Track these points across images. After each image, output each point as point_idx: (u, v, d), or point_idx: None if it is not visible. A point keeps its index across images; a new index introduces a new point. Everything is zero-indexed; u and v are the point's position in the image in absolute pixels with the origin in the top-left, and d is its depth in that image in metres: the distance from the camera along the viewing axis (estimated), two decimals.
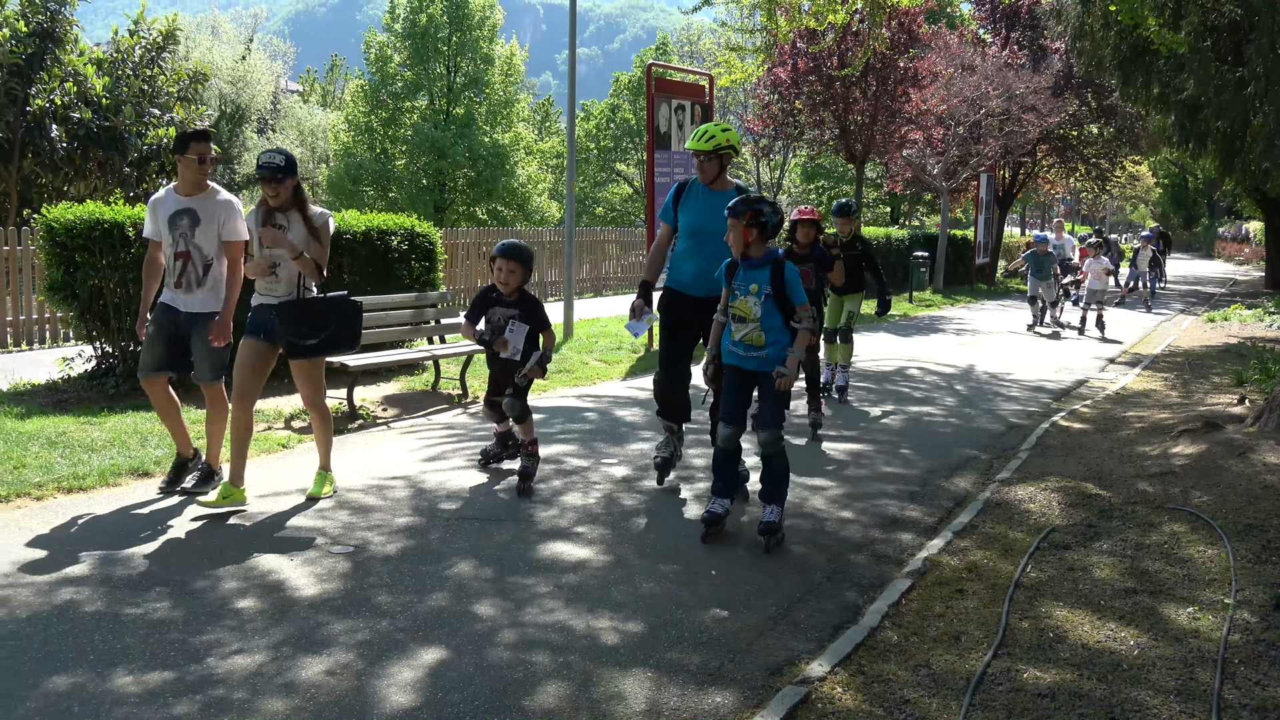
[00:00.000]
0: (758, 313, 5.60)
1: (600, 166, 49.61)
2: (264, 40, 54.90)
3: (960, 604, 4.87)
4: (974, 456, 8.12)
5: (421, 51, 37.14)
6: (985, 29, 30.53)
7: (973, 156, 26.10)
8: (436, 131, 36.57)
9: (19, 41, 15.58)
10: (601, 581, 5.12)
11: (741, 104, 41.76)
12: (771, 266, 5.61)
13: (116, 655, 4.15)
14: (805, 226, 8.55)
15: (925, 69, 21.49)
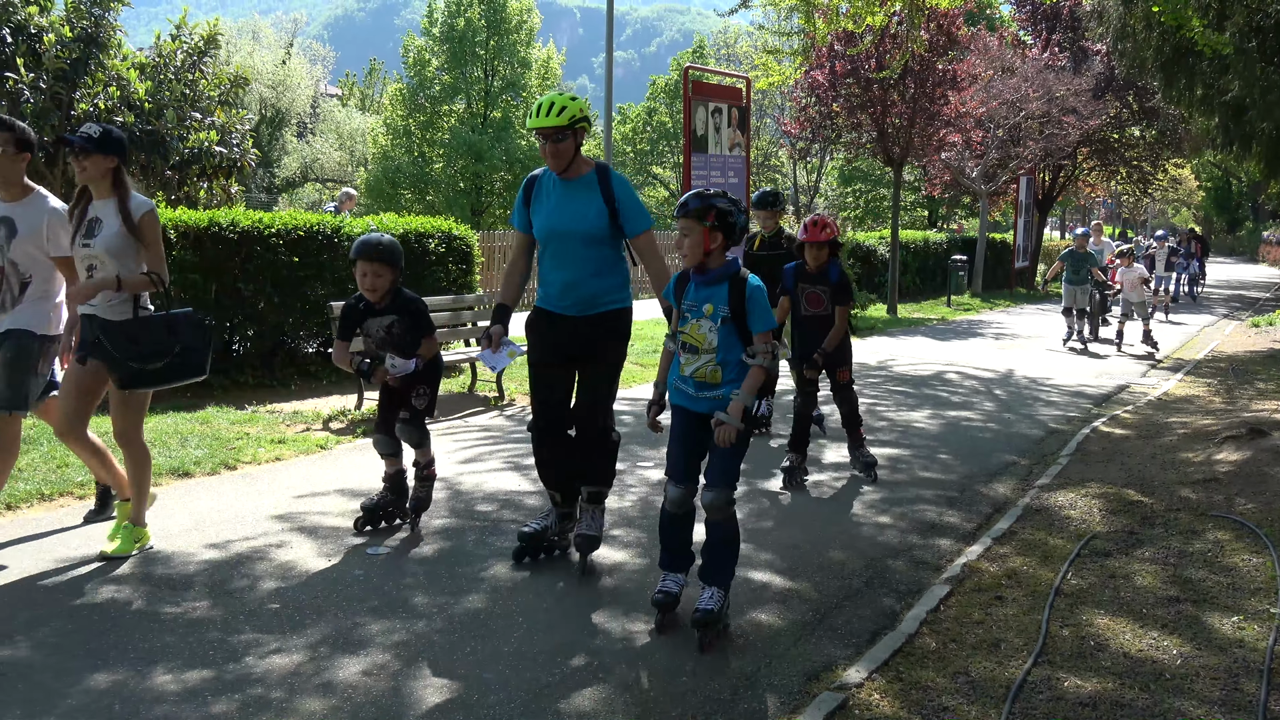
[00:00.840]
0: (713, 341, 4.45)
1: (637, 170, 49.63)
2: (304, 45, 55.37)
3: (999, 611, 4.82)
4: (1013, 462, 8.04)
5: (459, 55, 37.33)
6: (1025, 31, 30.28)
7: (1012, 159, 25.88)
8: (474, 135, 36.74)
9: (64, 46, 15.78)
10: (638, 585, 5.11)
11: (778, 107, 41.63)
12: (730, 282, 4.46)
13: (156, 653, 4.19)
14: (814, 249, 7.09)
15: (964, 71, 21.31)
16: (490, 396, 10.27)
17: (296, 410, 9.18)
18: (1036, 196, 29.91)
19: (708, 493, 4.50)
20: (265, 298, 9.98)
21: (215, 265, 9.65)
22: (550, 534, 5.43)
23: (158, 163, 16.40)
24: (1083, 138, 26.81)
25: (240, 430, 8.23)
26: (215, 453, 7.43)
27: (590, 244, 5.17)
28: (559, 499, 5.45)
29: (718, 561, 4.54)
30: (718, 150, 14.52)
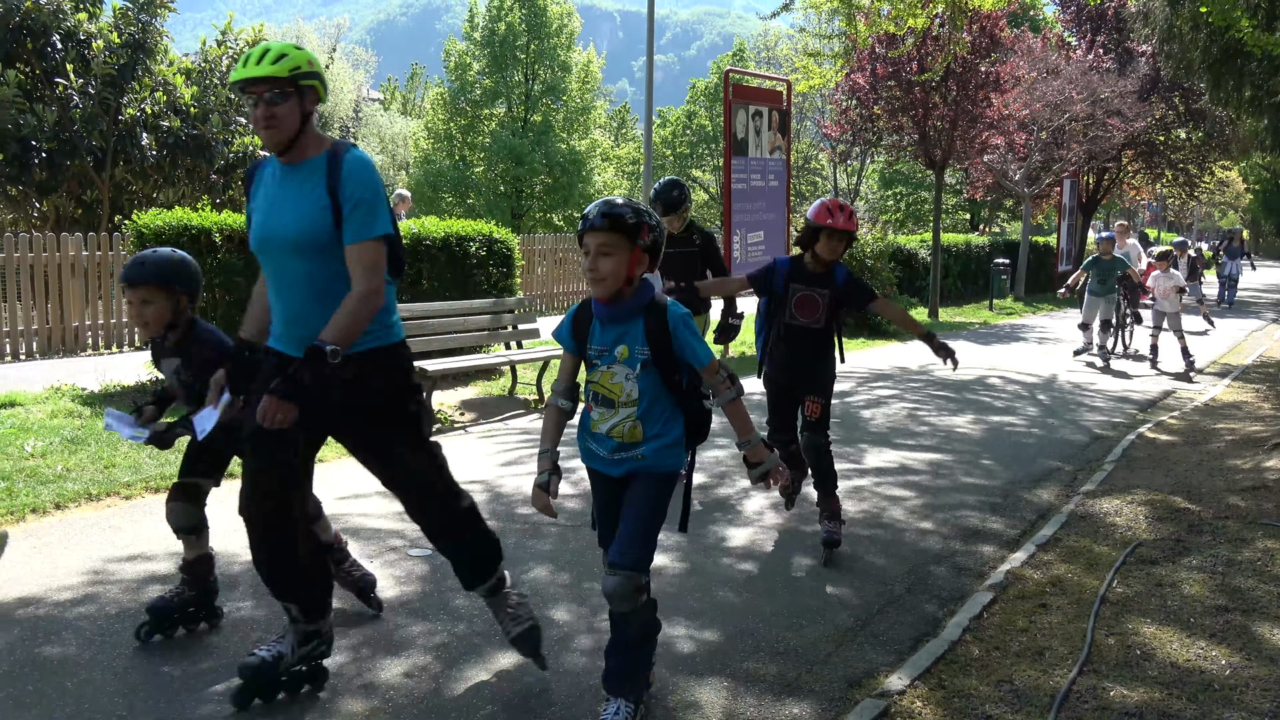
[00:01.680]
0: (632, 391, 3.56)
1: (676, 173, 49.62)
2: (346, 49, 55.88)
3: (1044, 619, 4.76)
4: (1057, 468, 7.96)
5: (500, 59, 37.52)
6: (1069, 32, 30.00)
7: (1056, 162, 25.65)
8: (514, 139, 36.90)
9: (112, 52, 16.02)
10: (677, 589, 5.10)
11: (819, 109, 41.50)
12: (645, 315, 3.54)
13: (202, 652, 4.23)
14: (833, 240, 5.49)
15: (1007, 73, 21.14)
16: (531, 400, 10.30)
17: None
18: (1080, 199, 29.62)
19: (611, 577, 3.51)
20: None
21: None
22: (286, 664, 3.84)
23: (203, 167, 16.62)
24: (1128, 140, 26.53)
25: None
26: None
27: (305, 255, 3.68)
28: (294, 613, 3.88)
29: (627, 667, 3.64)
30: (758, 153, 14.49)
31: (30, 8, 15.44)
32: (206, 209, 10.30)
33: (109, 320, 13.34)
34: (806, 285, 5.60)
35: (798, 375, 5.73)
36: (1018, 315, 22.51)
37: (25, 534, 5.71)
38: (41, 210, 16.93)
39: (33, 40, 15.68)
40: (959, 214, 42.65)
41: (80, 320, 13.03)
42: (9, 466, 6.75)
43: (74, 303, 12.96)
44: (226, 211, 10.59)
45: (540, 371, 10.46)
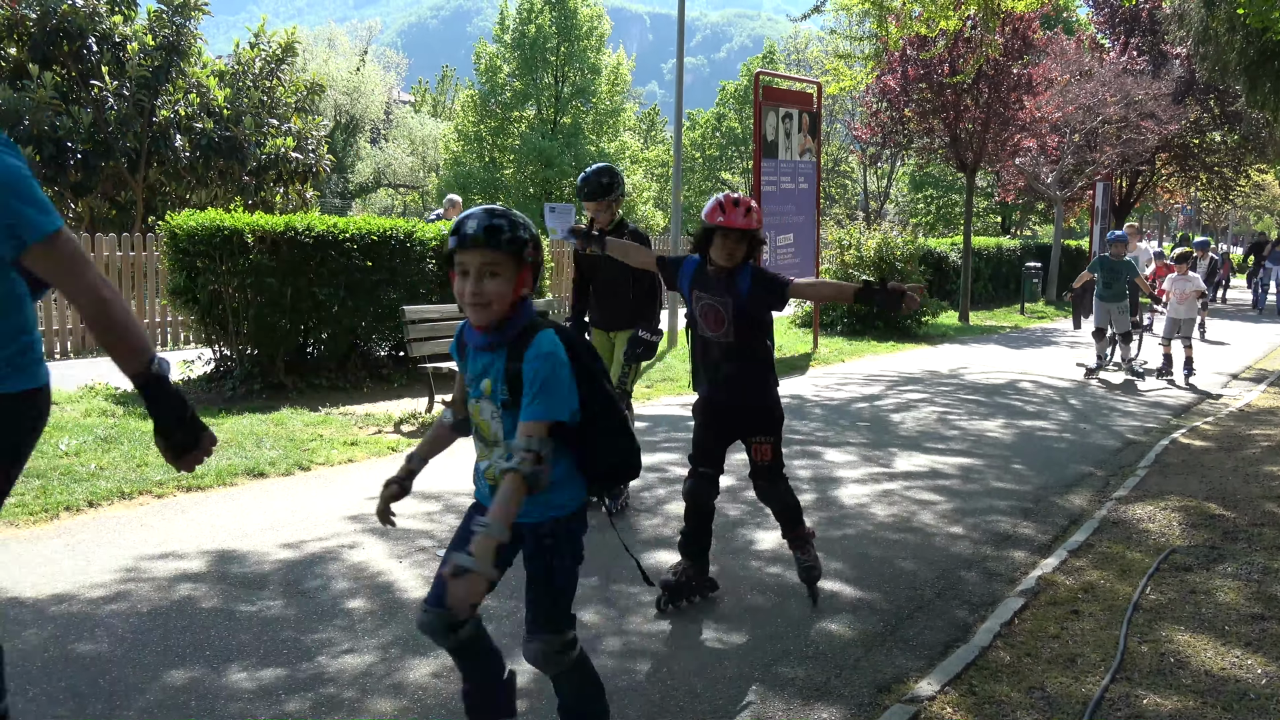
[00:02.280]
0: (498, 431, 3.10)
1: (705, 175, 49.61)
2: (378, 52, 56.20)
3: (1076, 625, 4.72)
4: (1089, 473, 7.89)
5: (530, 62, 37.61)
6: (1103, 34, 29.78)
7: (1088, 165, 25.45)
8: (544, 141, 36.98)
9: (147, 55, 16.17)
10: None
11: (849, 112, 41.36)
12: (511, 349, 3.01)
13: (232, 651, 4.25)
14: (728, 241, 4.58)
15: (1040, 75, 21.01)
16: None
17: (369, 413, 9.29)
18: (1113, 203, 29.36)
19: (531, 644, 3.19)
20: (339, 301, 10.12)
21: (291, 269, 9.80)
22: None
23: (235, 168, 16.75)
24: (1161, 143, 26.30)
25: (314, 432, 8.35)
26: (289, 454, 7.55)
27: None
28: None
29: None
30: (788, 156, 14.46)
31: (67, 10, 15.61)
32: (239, 210, 10.37)
33: (142, 320, 13.46)
34: (709, 294, 4.70)
35: (727, 401, 4.87)
36: (1049, 319, 22.34)
37: (59, 531, 5.76)
38: (76, 211, 17.11)
39: (69, 42, 15.85)
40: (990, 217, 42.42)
41: None
42: (43, 464, 6.82)
43: None
44: (259, 213, 10.66)
45: None
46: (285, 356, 10.11)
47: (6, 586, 4.89)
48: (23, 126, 14.78)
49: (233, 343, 10.01)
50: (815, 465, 7.83)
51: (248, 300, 9.67)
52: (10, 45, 16.03)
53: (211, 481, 6.79)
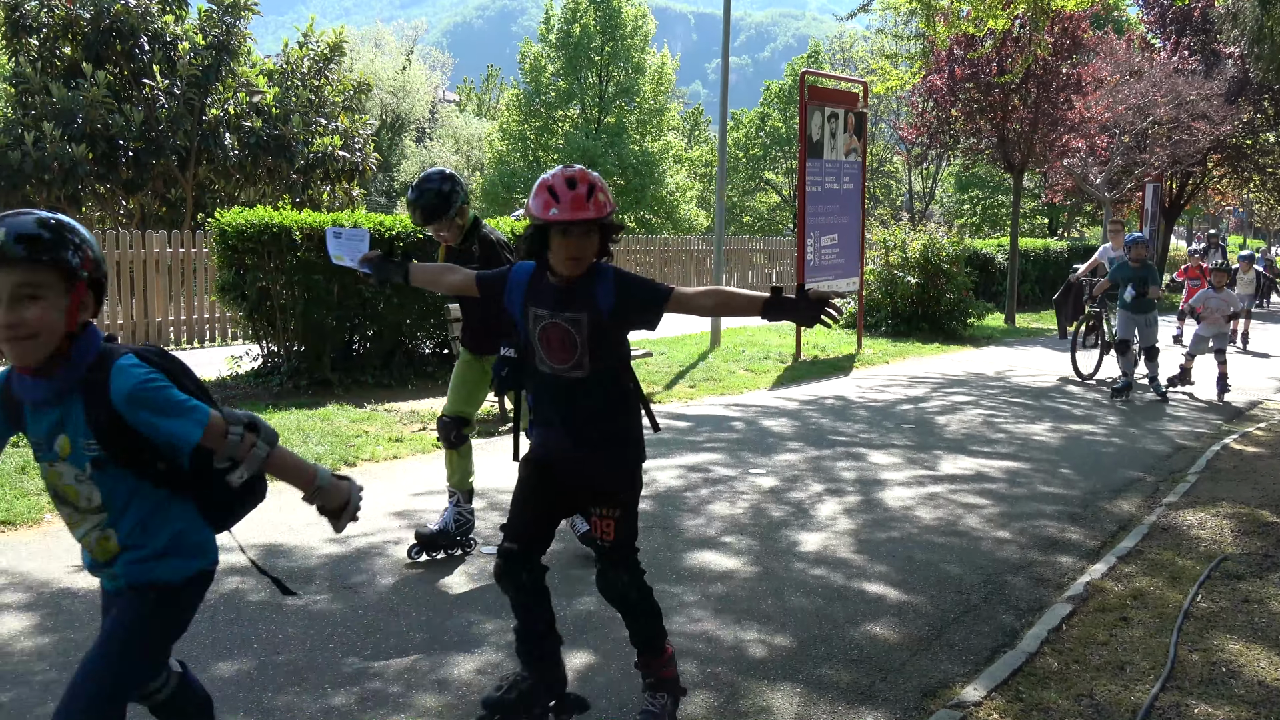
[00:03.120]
0: (93, 496, 2.55)
1: (749, 175, 49.51)
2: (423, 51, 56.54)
3: (1125, 632, 4.65)
4: (1138, 478, 7.78)
5: (574, 61, 37.71)
6: (1154, 34, 29.38)
7: (1138, 166, 25.13)
8: (588, 140, 37.07)
9: (197, 54, 16.37)
10: (749, 593, 5.07)
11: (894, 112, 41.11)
12: (86, 392, 2.45)
13: (279, 645, 4.29)
14: (569, 240, 3.35)
15: (1089, 75, 20.76)
16: None
17: (413, 410, 9.35)
18: (1163, 204, 28.97)
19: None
20: (385, 299, 10.18)
21: (339, 267, 9.86)
22: None
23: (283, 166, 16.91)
24: (1213, 144, 25.91)
25: (359, 428, 8.41)
26: (336, 449, 7.61)
27: None
28: None
29: None
30: (833, 156, 14.39)
31: (119, 10, 15.84)
32: (287, 208, 10.45)
33: (191, 316, 13.63)
34: (554, 310, 3.42)
35: (573, 456, 3.57)
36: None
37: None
38: (128, 208, 17.36)
39: (121, 42, 16.08)
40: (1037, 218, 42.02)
41: (164, 315, 13.33)
42: None
43: (158, 298, 13.26)
44: (306, 210, 10.76)
45: None
46: (331, 353, 10.19)
47: (59, 577, 4.97)
48: (76, 124, 15.02)
49: (280, 339, 10.11)
50: (859, 467, 7.79)
51: (295, 297, 9.76)
52: (65, 44, 16.30)
53: None
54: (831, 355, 14.23)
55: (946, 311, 17.03)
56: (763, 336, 15.45)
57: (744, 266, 24.46)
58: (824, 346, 14.80)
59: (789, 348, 14.13)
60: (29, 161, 14.58)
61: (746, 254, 24.89)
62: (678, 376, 11.71)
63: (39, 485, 6.29)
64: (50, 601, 4.67)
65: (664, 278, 21.57)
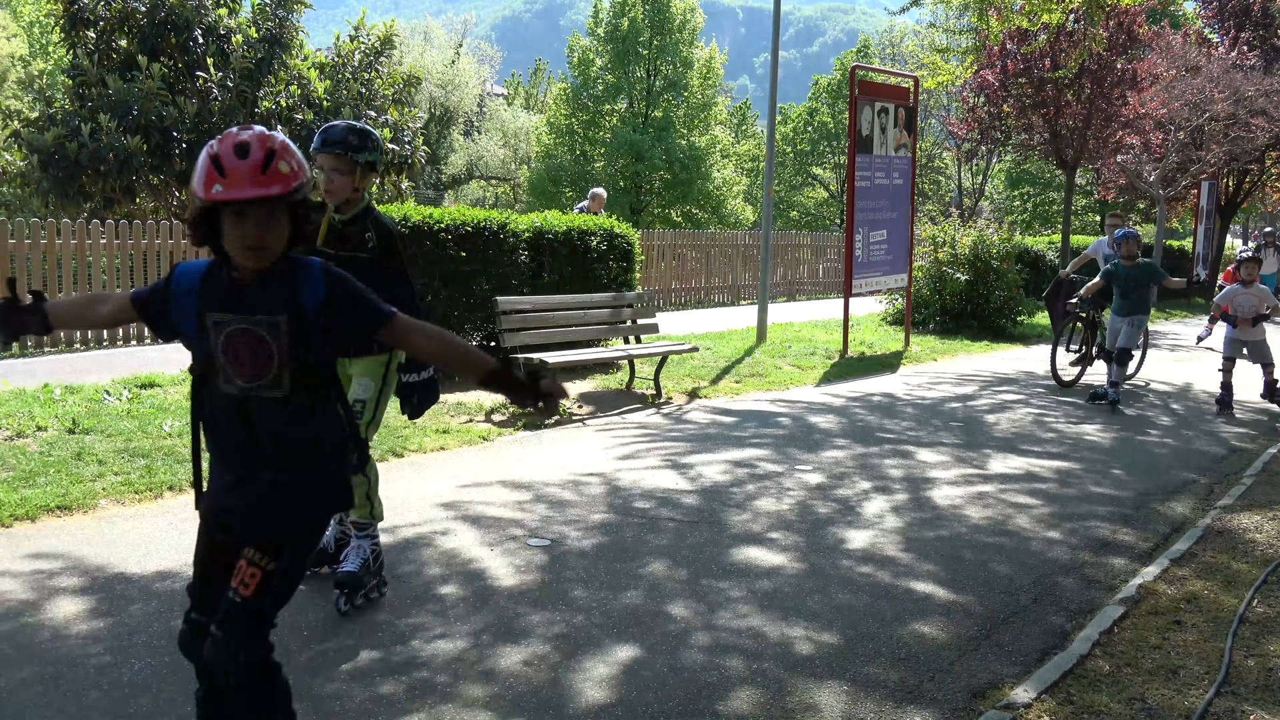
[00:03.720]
0: None
1: (796, 170, 49.25)
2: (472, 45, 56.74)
3: (1178, 636, 4.58)
4: (1192, 480, 7.66)
5: (622, 55, 37.67)
6: (1211, 28, 28.88)
7: (1194, 163, 24.72)
8: (635, 134, 37.03)
9: (250, 47, 16.54)
10: (796, 589, 5.05)
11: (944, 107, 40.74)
12: None
13: (328, 633, 4.33)
14: (249, 223, 2.70)
15: (1145, 71, 20.47)
16: (648, 394, 10.32)
17: (460, 401, 9.39)
18: (1219, 202, 28.48)
19: None
20: (433, 291, 10.24)
21: None
22: None
23: None
24: (1272, 140, 25.39)
25: (407, 419, 8.45)
26: (383, 440, 7.66)
27: None
28: None
29: None
30: (883, 151, 14.29)
31: (174, 4, 16.03)
32: None
33: None
34: (238, 314, 2.77)
35: (255, 501, 2.89)
36: (1150, 321, 21.72)
37: (162, 510, 5.92)
38: (181, 199, 17.57)
39: (175, 35, 16.28)
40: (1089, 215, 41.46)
41: None
42: (149, 445, 7.01)
43: None
44: None
45: (658, 367, 10.47)
46: None
47: (114, 562, 5.04)
48: (132, 116, 15.23)
49: None
50: (907, 465, 7.73)
51: None
52: (121, 37, 16.52)
53: None
54: (879, 352, 14.13)
55: (996, 309, 16.85)
56: (809, 333, 15.38)
57: (790, 261, 24.33)
58: (871, 344, 14.70)
59: (836, 344, 14.05)
60: (86, 153, 14.81)
61: (793, 249, 24.75)
62: (723, 372, 11.68)
63: (94, 471, 6.40)
64: (105, 586, 4.74)
65: (709, 273, 21.54)
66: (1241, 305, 10.36)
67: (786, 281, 23.96)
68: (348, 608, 4.48)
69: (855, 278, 13.98)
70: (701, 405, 9.95)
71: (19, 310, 3.08)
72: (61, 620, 4.36)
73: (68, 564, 5.00)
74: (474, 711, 3.73)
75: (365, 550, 4.61)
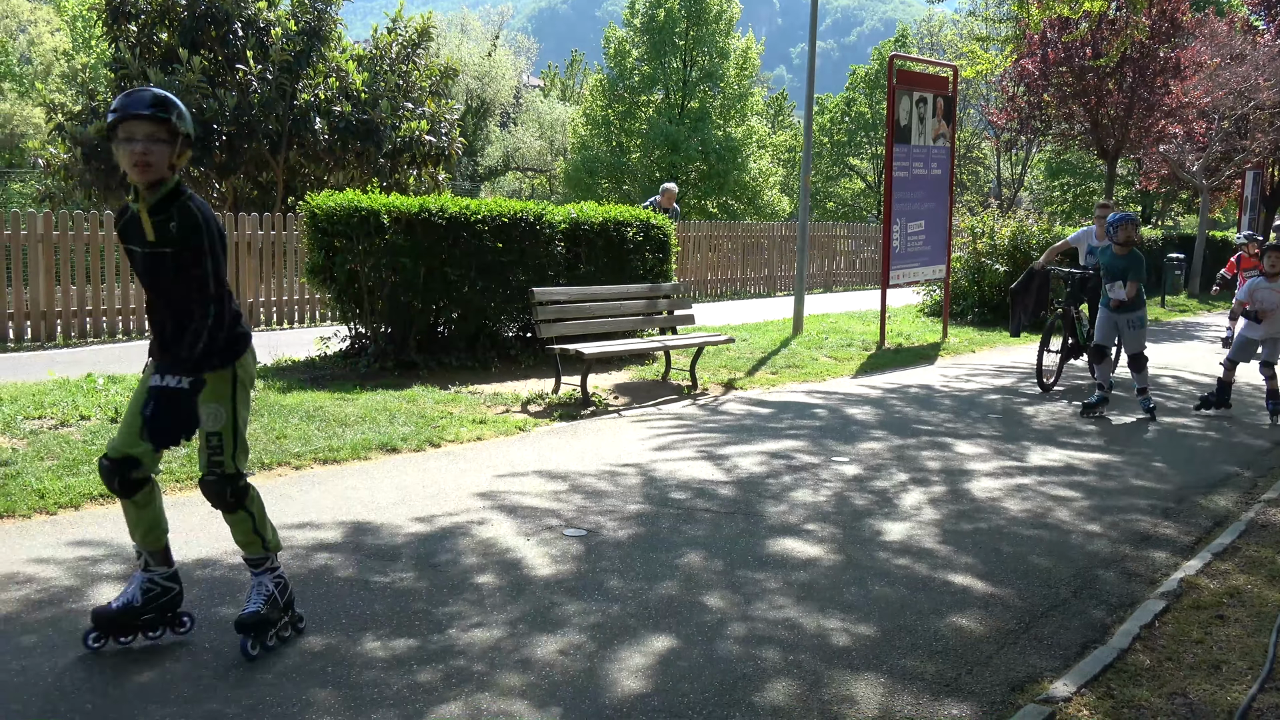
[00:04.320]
0: None
1: (833, 161, 49.04)
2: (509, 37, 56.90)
3: (1221, 631, 4.53)
4: (1235, 473, 7.56)
5: (659, 46, 37.63)
6: (1257, 15, 28.43)
7: (1238, 152, 24.39)
8: (671, 125, 36.99)
9: (289, 40, 16.66)
10: (833, 581, 5.03)
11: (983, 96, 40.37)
12: None
13: (366, 621, 4.36)
14: None
15: (1188, 59, 20.19)
16: (684, 385, 10.31)
17: (496, 392, 9.42)
18: (1264, 192, 28.07)
19: None
20: (470, 282, 10.27)
21: (425, 249, 9.99)
22: None
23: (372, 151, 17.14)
24: None
25: (444, 410, 8.50)
26: (420, 430, 7.70)
27: None
28: None
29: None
30: (921, 141, 14.18)
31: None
32: (375, 191, 10.59)
33: (281, 297, 13.89)
34: None
35: None
36: (1191, 313, 21.48)
37: (201, 500, 5.95)
38: (221, 191, 17.74)
39: (216, 28, 16.42)
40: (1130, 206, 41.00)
41: (255, 296, 13.61)
42: None
43: (249, 280, 13.53)
44: (395, 194, 10.90)
45: (694, 358, 10.46)
46: (417, 335, 10.31)
47: None
48: None
49: (367, 321, 10.25)
50: (945, 457, 7.67)
51: (382, 279, 9.88)
52: (162, 30, 16.69)
53: (346, 455, 6.97)
54: (916, 344, 14.04)
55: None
56: (846, 324, 15.31)
57: (826, 253, 24.22)
58: (909, 335, 14.61)
59: (873, 335, 13.97)
60: None
61: (830, 240, 24.64)
62: (760, 363, 11.65)
63: None
64: None
65: (746, 265, 21.48)
66: (1265, 300, 9.30)
67: (823, 273, 23.85)
68: (256, 651, 4.00)
69: (892, 269, 13.90)
70: (737, 396, 9.93)
71: None
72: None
73: (110, 551, 5.07)
74: (510, 700, 3.74)
75: (267, 586, 4.13)
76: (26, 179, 32.78)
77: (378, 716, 3.59)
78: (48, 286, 11.87)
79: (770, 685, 3.92)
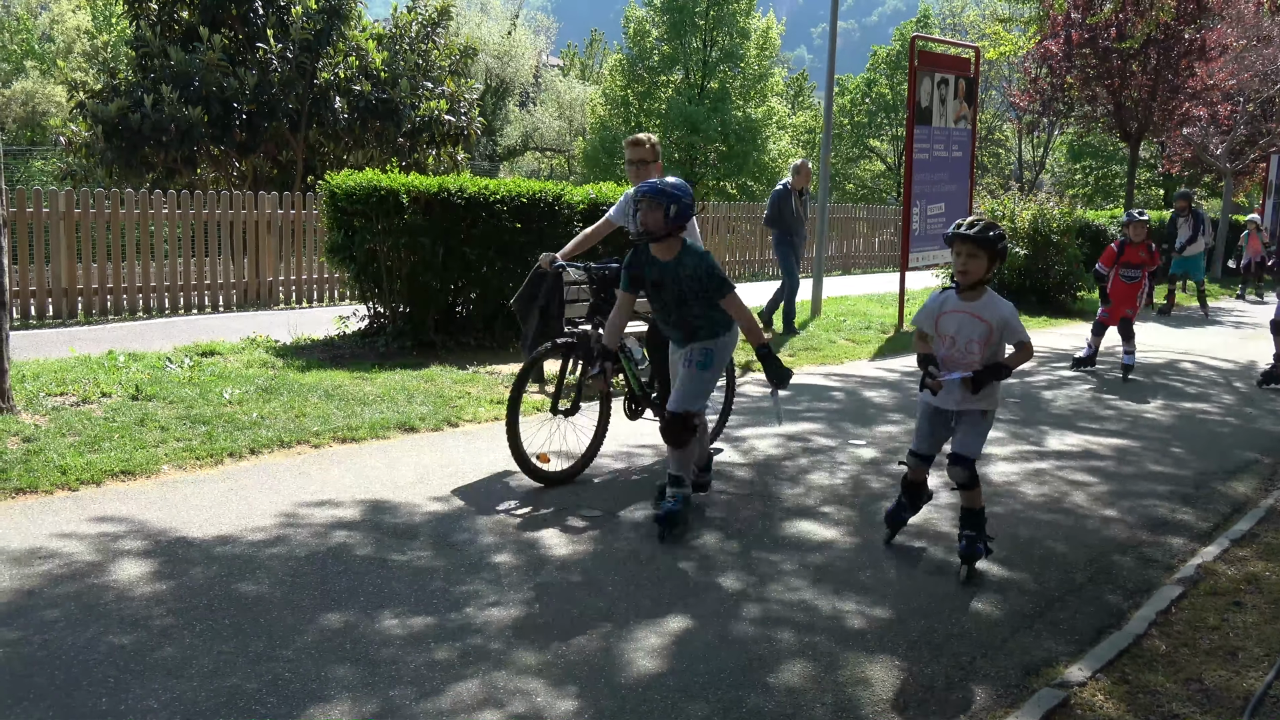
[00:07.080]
0: None
1: (853, 142, 48.78)
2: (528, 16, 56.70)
3: (1237, 617, 4.52)
4: (1255, 460, 7.52)
5: (679, 25, 37.44)
6: None
7: (1263, 136, 24.15)
8: (690, 106, 36.84)
9: (309, 19, 16.66)
10: (849, 564, 5.04)
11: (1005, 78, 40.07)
12: None
13: (384, 598, 4.40)
14: None
15: (1214, 41, 19.98)
16: None
17: (514, 373, 9.44)
18: None
19: None
20: (488, 262, 10.28)
21: (444, 229, 10.00)
22: None
23: (390, 130, 17.16)
24: None
25: (462, 390, 8.53)
26: (439, 410, 7.73)
27: None
28: None
29: None
30: (942, 123, 14.10)
31: None
32: (395, 171, 10.61)
33: (300, 276, 13.95)
34: None
35: None
36: (1213, 298, 21.30)
37: (223, 476, 6.03)
38: (240, 169, 17.79)
39: (236, 6, 16.44)
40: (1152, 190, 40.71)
41: (274, 275, 13.66)
42: (209, 412, 7.14)
43: (269, 258, 13.59)
44: (414, 174, 10.90)
45: None
46: (435, 315, 10.33)
47: (176, 526, 5.15)
48: (193, 87, 15.41)
49: (386, 300, 10.28)
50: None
51: (401, 259, 9.90)
52: (182, 9, 16.72)
53: (365, 434, 7.01)
54: None
55: (1056, 284, 16.59)
56: (864, 307, 15.26)
57: (845, 235, 24.13)
58: None
59: (891, 318, 13.94)
60: (148, 123, 15.02)
61: (849, 222, 24.55)
62: (777, 345, 11.64)
63: (157, 437, 6.52)
64: (167, 549, 4.84)
65: (764, 246, 21.42)
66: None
67: (842, 255, 23.77)
68: None
69: (912, 251, 13.84)
70: (754, 378, 9.93)
71: None
72: (126, 582, 4.46)
73: (131, 527, 5.12)
74: (526, 679, 3.77)
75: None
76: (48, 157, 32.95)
77: (396, 693, 3.62)
78: (69, 264, 11.95)
79: (785, 666, 3.94)
